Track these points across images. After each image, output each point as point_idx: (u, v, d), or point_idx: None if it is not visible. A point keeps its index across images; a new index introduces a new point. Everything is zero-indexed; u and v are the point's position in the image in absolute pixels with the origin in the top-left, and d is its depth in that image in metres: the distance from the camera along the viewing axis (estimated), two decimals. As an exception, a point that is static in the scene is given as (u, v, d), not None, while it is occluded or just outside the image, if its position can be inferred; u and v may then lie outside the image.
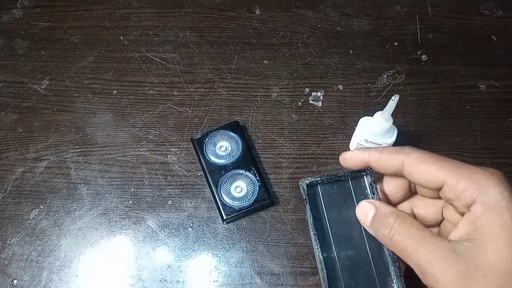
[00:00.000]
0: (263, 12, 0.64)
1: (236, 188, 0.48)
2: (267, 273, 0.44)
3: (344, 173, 0.35)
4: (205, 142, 0.50)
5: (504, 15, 0.63)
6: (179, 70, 0.58)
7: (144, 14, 0.64)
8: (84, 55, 0.60)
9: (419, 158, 0.31)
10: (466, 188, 0.29)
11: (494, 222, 0.27)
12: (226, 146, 0.50)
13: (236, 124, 0.51)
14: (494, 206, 0.27)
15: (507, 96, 0.55)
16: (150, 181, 0.50)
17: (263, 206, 0.47)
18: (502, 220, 0.27)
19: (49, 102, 0.56)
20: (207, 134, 0.50)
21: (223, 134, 0.50)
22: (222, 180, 0.48)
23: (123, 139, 0.53)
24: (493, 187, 0.28)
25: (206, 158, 0.49)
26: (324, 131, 0.53)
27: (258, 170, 0.48)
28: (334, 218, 0.34)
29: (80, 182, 0.50)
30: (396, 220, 0.30)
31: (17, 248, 0.46)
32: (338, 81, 0.57)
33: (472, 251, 0.27)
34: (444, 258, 0.27)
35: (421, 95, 0.55)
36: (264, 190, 0.47)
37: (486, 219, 0.27)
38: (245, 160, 0.49)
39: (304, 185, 0.34)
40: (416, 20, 0.62)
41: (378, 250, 0.34)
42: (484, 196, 0.28)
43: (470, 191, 0.28)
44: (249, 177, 0.48)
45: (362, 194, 0.35)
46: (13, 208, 0.48)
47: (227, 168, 0.48)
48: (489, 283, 0.26)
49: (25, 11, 0.65)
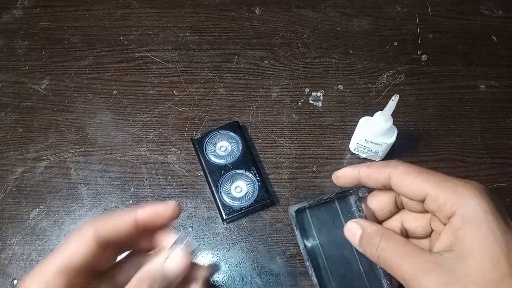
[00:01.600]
0: (263, 12, 0.64)
1: (236, 188, 0.48)
2: (267, 273, 0.44)
3: (330, 195, 0.36)
4: (205, 142, 0.50)
5: (504, 15, 0.63)
6: (179, 70, 0.58)
7: (144, 14, 0.64)
8: (84, 55, 0.60)
9: (405, 171, 0.32)
10: (447, 200, 0.29)
11: (474, 234, 0.28)
12: (226, 146, 0.50)
13: (236, 124, 0.51)
14: (474, 218, 0.28)
15: (507, 96, 0.55)
16: (150, 181, 0.50)
17: (263, 206, 0.47)
18: (481, 231, 0.28)
19: (49, 102, 0.56)
20: (207, 134, 0.50)
21: (223, 134, 0.50)
22: (222, 180, 0.48)
23: (123, 139, 0.53)
24: (472, 199, 0.29)
25: (206, 158, 0.49)
26: (324, 131, 0.53)
27: (258, 170, 0.48)
28: (325, 239, 0.35)
29: (80, 182, 0.50)
30: (381, 238, 0.31)
31: (17, 248, 0.46)
32: (338, 81, 0.57)
33: (453, 262, 0.28)
34: (426, 270, 0.28)
35: (421, 95, 0.55)
36: (264, 190, 0.47)
37: (466, 230, 0.28)
38: (245, 160, 0.49)
39: (293, 212, 0.35)
40: (416, 20, 0.62)
41: (369, 265, 0.35)
42: (463, 208, 0.29)
43: (450, 203, 0.29)
44: (249, 177, 0.48)
45: (349, 213, 0.36)
46: (13, 208, 0.48)
47: (227, 168, 0.48)
48: None
49: (25, 11, 0.65)
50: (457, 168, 0.49)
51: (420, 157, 0.50)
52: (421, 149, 0.51)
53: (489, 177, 0.49)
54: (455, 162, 0.49)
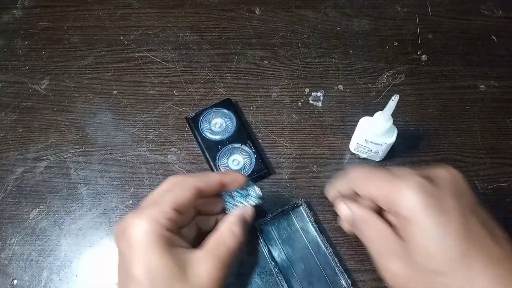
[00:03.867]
0: (263, 12, 0.64)
1: (233, 161, 0.49)
2: (267, 273, 0.44)
3: (285, 208, 0.45)
4: (200, 120, 0.51)
5: (504, 15, 0.63)
6: (179, 70, 0.58)
7: (144, 14, 0.64)
8: (84, 55, 0.60)
9: (354, 180, 0.38)
10: (389, 203, 0.33)
11: (415, 232, 0.31)
12: (220, 123, 0.51)
13: (229, 101, 0.53)
14: (412, 216, 0.31)
15: (507, 96, 0.55)
16: (150, 181, 0.50)
17: (260, 176, 0.48)
18: (421, 229, 0.31)
19: (49, 102, 0.56)
20: (201, 112, 0.52)
21: (217, 112, 0.52)
22: (219, 155, 0.49)
23: (123, 139, 0.53)
24: (408, 197, 0.31)
25: (202, 135, 0.50)
26: (324, 131, 0.53)
27: (253, 143, 0.50)
28: (285, 243, 0.44)
29: (80, 182, 0.50)
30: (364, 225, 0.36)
31: (17, 248, 0.46)
32: (338, 81, 0.57)
33: (409, 252, 0.32)
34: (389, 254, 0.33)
35: (421, 95, 0.55)
36: (261, 161, 0.48)
37: (408, 230, 0.32)
38: (240, 135, 0.50)
39: (258, 226, 0.44)
40: (416, 20, 0.62)
41: (325, 259, 0.43)
42: (401, 209, 0.32)
43: (393, 207, 0.33)
44: (245, 151, 0.49)
45: (301, 219, 0.45)
46: (13, 208, 0.48)
47: (223, 143, 0.50)
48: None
49: (25, 11, 0.65)
50: (457, 168, 0.48)
51: (420, 157, 0.50)
52: (421, 149, 0.51)
53: (489, 177, 0.49)
54: (455, 162, 0.49)
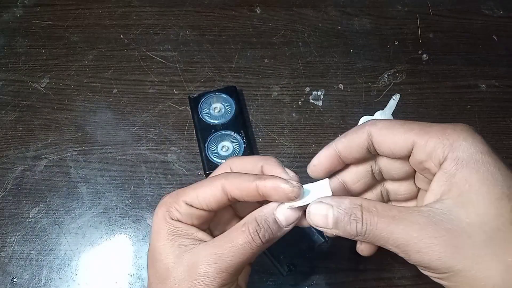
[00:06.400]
0: (263, 11, 0.63)
1: (222, 147, 0.49)
2: (267, 273, 0.44)
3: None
4: (201, 102, 0.52)
5: (505, 15, 0.63)
6: (179, 68, 0.58)
7: (144, 12, 0.64)
8: (84, 54, 0.60)
9: (386, 125, 0.29)
10: (437, 145, 0.26)
11: (471, 177, 0.25)
12: (220, 108, 0.52)
13: (233, 89, 0.53)
14: (468, 160, 0.25)
15: (508, 95, 0.55)
16: (150, 180, 0.50)
17: None
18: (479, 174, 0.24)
19: (49, 100, 0.56)
20: (204, 94, 0.52)
21: (219, 97, 0.52)
22: (211, 138, 0.49)
23: (123, 137, 0.53)
24: (465, 140, 0.26)
25: (200, 116, 0.51)
26: (325, 130, 0.53)
27: (247, 134, 0.49)
28: None
29: (80, 181, 0.50)
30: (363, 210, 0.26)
31: (17, 246, 0.46)
32: (339, 80, 0.57)
33: (450, 213, 0.25)
34: (422, 230, 0.24)
35: (421, 94, 0.55)
36: (249, 152, 0.48)
37: (461, 175, 0.25)
38: (236, 123, 0.50)
39: None
40: (417, 20, 0.62)
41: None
42: (456, 151, 0.25)
43: (441, 148, 0.26)
44: (236, 139, 0.49)
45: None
46: (13, 207, 0.48)
47: (217, 128, 0.50)
48: (477, 244, 0.24)
49: (25, 9, 0.65)
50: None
51: (421, 156, 0.50)
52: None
53: (489, 177, 0.49)
54: (455, 162, 0.49)
